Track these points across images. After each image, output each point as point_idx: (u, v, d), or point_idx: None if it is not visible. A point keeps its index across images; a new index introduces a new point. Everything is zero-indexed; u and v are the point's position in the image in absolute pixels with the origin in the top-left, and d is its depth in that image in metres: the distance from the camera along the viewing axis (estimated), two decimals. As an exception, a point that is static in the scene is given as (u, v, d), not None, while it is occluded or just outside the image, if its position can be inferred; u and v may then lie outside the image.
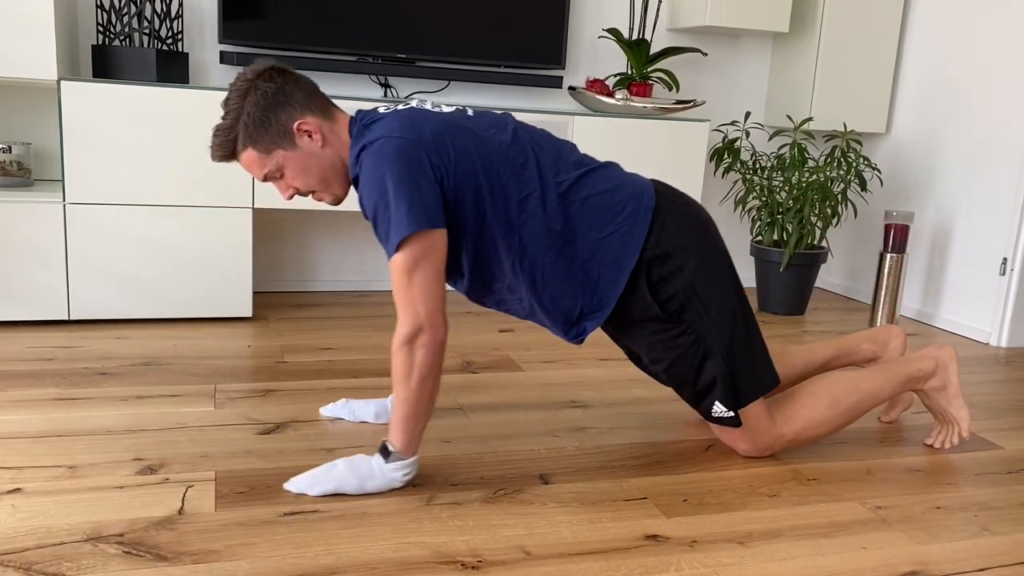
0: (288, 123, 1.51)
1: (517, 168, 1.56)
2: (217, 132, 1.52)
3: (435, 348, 1.48)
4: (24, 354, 2.23)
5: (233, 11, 2.71)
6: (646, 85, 3.13)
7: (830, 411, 1.76)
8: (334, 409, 1.90)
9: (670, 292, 1.61)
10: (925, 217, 3.25)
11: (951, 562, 1.43)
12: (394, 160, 1.45)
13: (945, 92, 3.17)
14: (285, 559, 1.32)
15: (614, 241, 1.59)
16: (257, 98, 1.49)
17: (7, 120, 2.70)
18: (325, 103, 1.56)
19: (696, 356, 1.65)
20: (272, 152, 1.52)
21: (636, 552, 1.40)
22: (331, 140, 1.55)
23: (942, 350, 1.88)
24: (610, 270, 1.60)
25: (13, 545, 1.31)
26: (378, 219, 1.46)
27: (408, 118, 1.51)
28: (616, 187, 1.63)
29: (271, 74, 1.52)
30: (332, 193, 1.59)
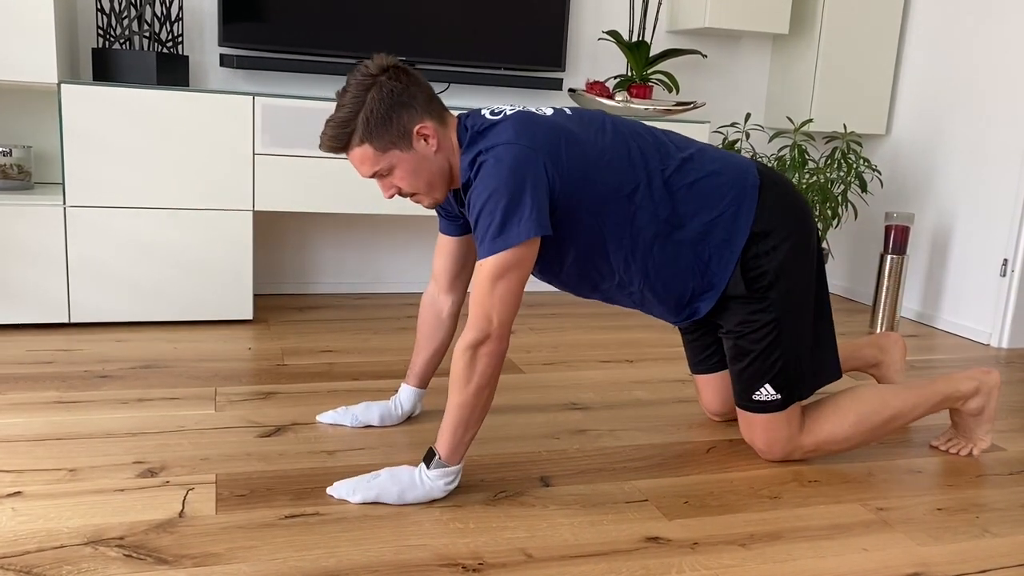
0: (409, 125, 1.49)
1: (623, 163, 1.57)
2: (333, 123, 1.49)
3: (499, 358, 1.48)
4: (24, 357, 2.23)
5: (233, 14, 2.72)
6: (646, 87, 3.13)
7: (854, 428, 1.75)
8: (334, 416, 1.88)
9: (762, 269, 1.64)
10: (925, 218, 3.25)
11: (953, 564, 1.43)
12: (513, 167, 1.45)
13: (945, 93, 3.17)
14: (286, 562, 1.32)
15: (723, 222, 1.62)
16: (382, 95, 1.47)
17: (7, 123, 2.70)
18: (442, 108, 1.55)
19: (769, 334, 1.66)
20: (388, 152, 1.50)
21: (637, 554, 1.40)
22: (444, 145, 1.54)
23: (989, 375, 1.84)
24: (720, 250, 1.63)
25: (14, 548, 1.31)
26: (482, 218, 1.46)
27: (523, 123, 1.51)
28: (720, 169, 1.65)
29: (396, 72, 1.50)
30: (433, 197, 1.58)
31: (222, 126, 2.52)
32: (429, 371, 1.87)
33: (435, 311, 1.83)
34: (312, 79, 3.00)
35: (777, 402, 1.70)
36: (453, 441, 1.51)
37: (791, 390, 1.70)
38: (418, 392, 1.89)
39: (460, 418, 1.49)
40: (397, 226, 3.22)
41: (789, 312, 1.66)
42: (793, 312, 1.66)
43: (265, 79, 2.95)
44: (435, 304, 1.83)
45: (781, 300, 1.65)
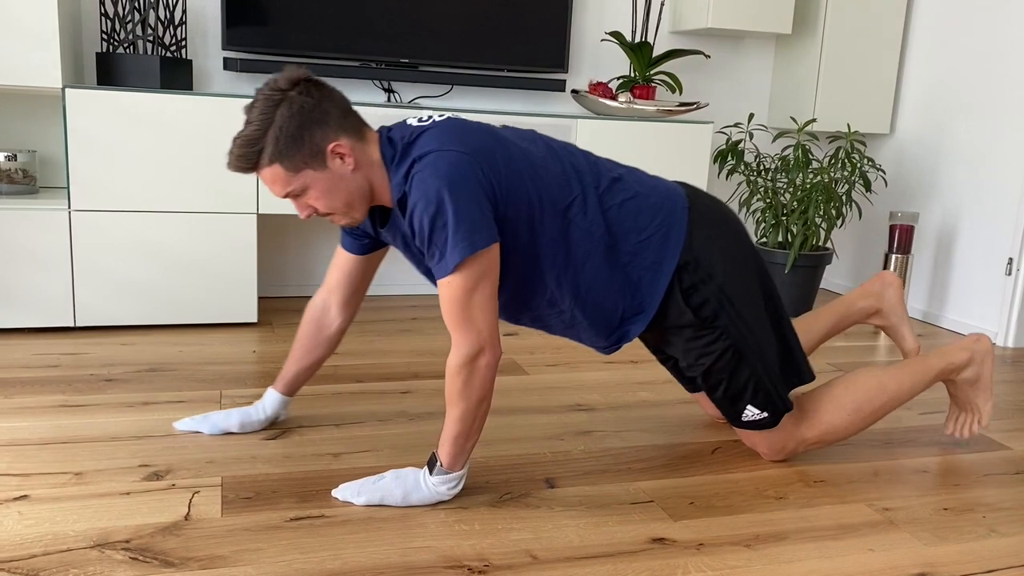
0: (322, 143, 1.41)
1: (558, 176, 1.53)
2: (240, 141, 1.40)
3: (495, 368, 1.46)
4: (30, 361, 2.23)
5: (236, 18, 2.72)
6: (649, 88, 3.13)
7: (854, 416, 1.75)
8: (191, 423, 1.80)
9: (703, 298, 1.60)
10: (930, 217, 3.25)
11: (959, 564, 1.43)
12: (450, 174, 1.38)
13: (949, 92, 3.17)
14: (291, 564, 1.32)
15: (653, 243, 1.58)
16: (292, 111, 1.39)
17: (12, 128, 2.71)
18: (359, 122, 1.48)
19: (731, 361, 1.64)
20: (300, 171, 1.41)
21: (643, 555, 1.40)
22: (362, 163, 1.46)
23: (979, 342, 1.84)
24: (650, 273, 1.59)
25: (20, 552, 1.31)
26: (433, 237, 1.39)
27: (454, 129, 1.46)
28: (649, 192, 1.62)
29: (308, 86, 1.41)
30: (351, 217, 1.50)
31: (226, 129, 2.53)
32: (300, 382, 1.81)
33: (321, 326, 1.76)
34: (315, 82, 3.00)
35: (767, 419, 1.70)
36: (455, 451, 1.50)
37: (775, 405, 1.69)
38: (285, 400, 1.82)
39: (461, 430, 1.49)
40: (401, 228, 3.22)
41: (744, 333, 1.63)
42: (748, 331, 1.63)
43: (268, 82, 2.95)
44: (324, 318, 1.75)
45: (732, 324, 1.62)
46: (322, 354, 1.78)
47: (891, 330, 2.02)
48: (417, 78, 2.90)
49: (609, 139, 2.96)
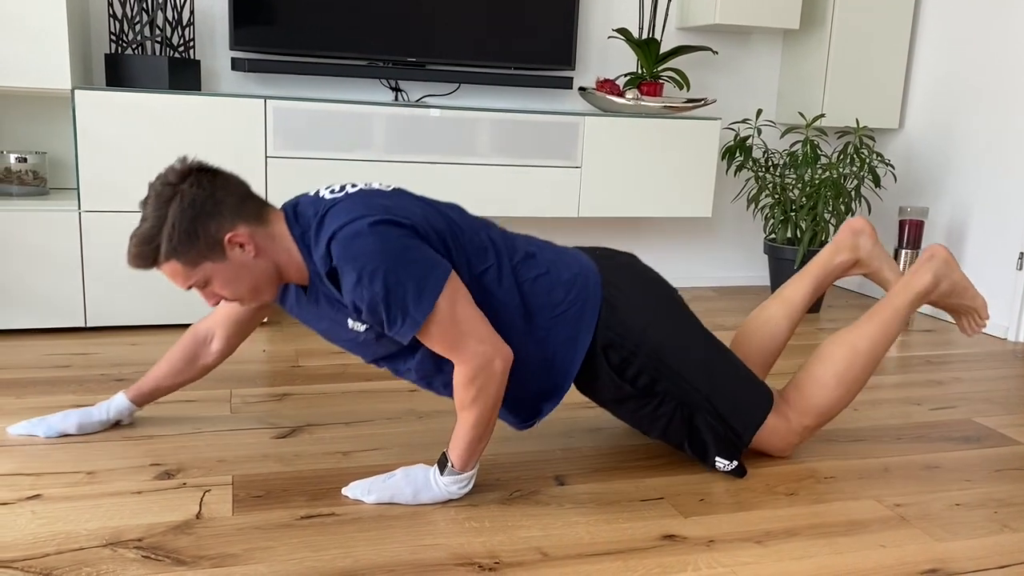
0: (218, 235, 1.38)
1: (475, 242, 1.51)
2: (136, 239, 1.36)
3: (505, 370, 1.45)
4: (41, 361, 2.24)
5: (244, 18, 2.73)
6: (656, 84, 3.12)
7: (839, 388, 1.71)
8: (27, 427, 1.75)
9: (636, 370, 1.59)
10: (940, 212, 3.23)
11: (971, 559, 1.42)
12: (374, 240, 1.35)
13: (959, 86, 3.15)
14: (303, 562, 1.32)
15: (568, 319, 1.55)
16: (183, 207, 1.35)
17: (22, 130, 2.72)
18: (258, 206, 1.43)
19: (683, 419, 1.64)
20: (199, 265, 1.39)
21: (653, 552, 1.40)
22: (265, 247, 1.42)
23: (933, 257, 1.78)
24: (564, 349, 1.56)
25: (34, 551, 1.32)
26: (389, 310, 1.37)
27: (370, 195, 1.44)
28: (563, 267, 1.59)
29: (199, 178, 1.38)
30: (260, 300, 1.48)
31: (234, 130, 2.54)
32: (154, 398, 1.79)
33: (199, 354, 1.74)
34: (323, 81, 3.01)
35: (738, 467, 1.68)
36: (467, 454, 1.50)
37: (739, 449, 1.67)
38: (132, 408, 1.79)
39: (476, 435, 1.48)
40: (409, 227, 3.22)
41: (687, 389, 1.62)
42: (691, 387, 1.62)
43: (276, 82, 2.96)
44: (203, 348, 1.74)
45: (673, 385, 1.61)
46: (188, 380, 1.77)
47: (874, 276, 1.94)
48: (424, 76, 2.90)
49: (616, 136, 2.96)
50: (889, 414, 2.11)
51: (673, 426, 1.65)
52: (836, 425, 2.02)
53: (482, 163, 2.83)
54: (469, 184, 2.83)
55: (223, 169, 1.43)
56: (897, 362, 2.60)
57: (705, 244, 3.60)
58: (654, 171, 3.03)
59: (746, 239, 3.67)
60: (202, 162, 1.41)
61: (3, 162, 2.52)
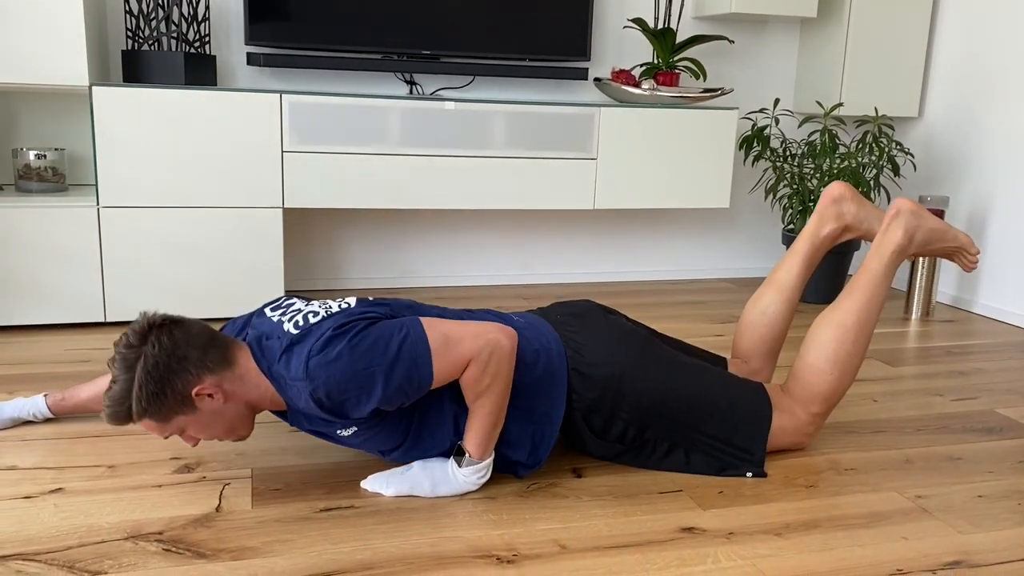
0: (185, 390, 1.38)
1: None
2: (108, 401, 1.38)
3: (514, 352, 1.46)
4: (62, 356, 2.26)
5: (258, 13, 2.73)
6: (673, 74, 3.10)
7: (836, 370, 1.67)
8: None
9: (621, 428, 1.61)
10: (960, 202, 3.19)
11: (994, 552, 1.41)
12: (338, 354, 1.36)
13: (979, 73, 3.11)
14: (322, 555, 1.33)
15: (539, 394, 1.57)
16: (147, 369, 1.35)
17: (41, 127, 2.74)
18: (222, 351, 1.42)
19: (683, 455, 1.65)
20: (172, 420, 1.40)
21: (672, 544, 1.39)
22: (233, 391, 1.42)
23: (900, 212, 1.74)
24: (541, 424, 1.58)
25: (57, 544, 1.33)
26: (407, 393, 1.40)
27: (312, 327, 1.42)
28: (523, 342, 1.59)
29: (159, 335, 1.37)
30: (238, 435, 1.48)
31: (250, 124, 2.54)
32: (72, 413, 1.80)
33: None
34: (339, 75, 3.01)
35: (758, 472, 1.67)
36: (483, 443, 1.51)
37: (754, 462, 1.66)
38: (46, 415, 1.79)
39: (491, 422, 1.49)
40: (426, 220, 3.22)
41: (680, 430, 1.62)
42: (683, 426, 1.62)
43: (292, 76, 2.97)
44: None
45: (662, 429, 1.62)
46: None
47: (867, 236, 1.87)
48: (439, 69, 2.90)
49: (632, 127, 2.94)
50: (910, 405, 2.09)
51: (675, 462, 1.66)
52: (856, 416, 2.01)
53: (497, 156, 2.82)
54: (484, 177, 2.82)
55: (184, 318, 1.43)
56: (918, 353, 2.58)
57: (723, 235, 3.58)
58: (671, 162, 3.01)
59: (764, 230, 3.64)
60: (164, 316, 1.41)
61: (23, 159, 2.54)
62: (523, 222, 3.31)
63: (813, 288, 3.16)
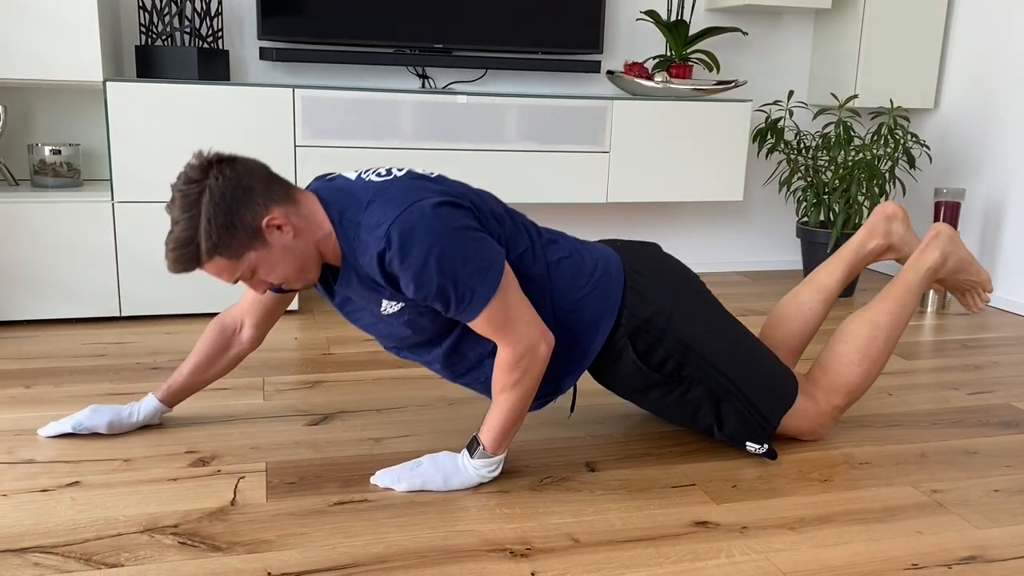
0: (255, 222, 1.34)
1: (510, 226, 1.51)
2: (173, 244, 1.33)
3: (548, 353, 1.46)
4: (78, 350, 2.28)
5: (271, 8, 2.74)
6: (686, 67, 3.08)
7: (865, 364, 1.71)
8: (56, 427, 1.71)
9: (662, 356, 1.59)
10: (977, 194, 3.17)
11: (1011, 546, 1.40)
12: (438, 222, 1.35)
13: (996, 64, 3.08)
14: (336, 548, 1.33)
15: (590, 302, 1.56)
16: (214, 201, 1.31)
17: (56, 122, 2.76)
18: (284, 186, 1.40)
19: (711, 405, 1.63)
20: (243, 256, 1.36)
21: (685, 538, 1.39)
22: (302, 228, 1.39)
23: (939, 235, 1.80)
24: (587, 331, 1.57)
25: (74, 536, 1.35)
26: (457, 290, 1.37)
27: (418, 179, 1.43)
28: (583, 250, 1.60)
29: (220, 168, 1.33)
30: (306, 279, 1.45)
31: (263, 119, 2.55)
32: (185, 396, 1.74)
33: (230, 344, 1.71)
34: (351, 69, 3.01)
35: (769, 450, 1.67)
36: (500, 437, 1.51)
37: (769, 434, 1.67)
38: (162, 409, 1.74)
39: (512, 418, 1.49)
40: (438, 214, 3.22)
41: (715, 376, 1.61)
42: (719, 373, 1.61)
43: (304, 71, 2.97)
44: (233, 338, 1.70)
45: (700, 371, 1.60)
46: (220, 373, 1.73)
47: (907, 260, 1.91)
48: (451, 63, 2.89)
49: (646, 120, 2.93)
50: (926, 399, 2.08)
51: (701, 413, 1.64)
52: (871, 410, 2.00)
53: (510, 149, 2.82)
54: (497, 170, 2.82)
55: (240, 155, 1.39)
56: (933, 346, 2.56)
57: (737, 228, 3.57)
58: (684, 155, 3.00)
59: (778, 223, 3.62)
60: (219, 152, 1.37)
61: (38, 154, 2.56)
62: (536, 215, 3.31)
63: (827, 281, 3.14)
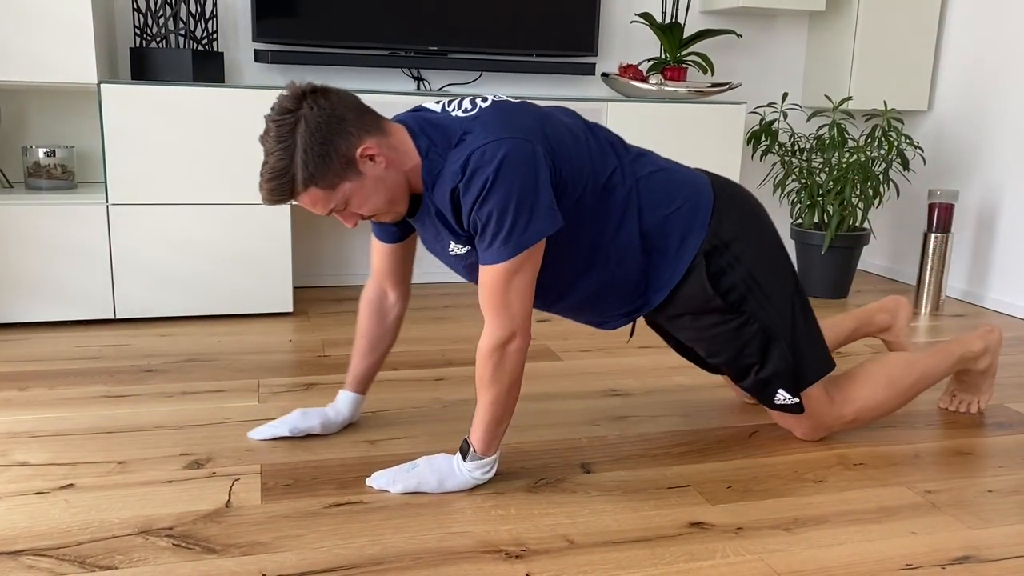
0: (350, 151, 1.36)
1: (596, 150, 1.53)
2: (268, 174, 1.35)
3: (525, 351, 1.47)
4: (73, 353, 2.28)
5: (266, 10, 2.74)
6: (680, 69, 3.09)
7: (888, 391, 1.76)
8: (270, 430, 1.74)
9: (731, 282, 1.60)
10: (970, 195, 3.18)
11: (1004, 547, 1.40)
12: (516, 162, 1.36)
13: (989, 66, 3.09)
14: (331, 550, 1.33)
15: (680, 218, 1.58)
16: (310, 130, 1.33)
17: (50, 124, 2.76)
18: (375, 117, 1.43)
19: (760, 345, 1.64)
20: (338, 187, 1.38)
21: (681, 539, 1.39)
22: (392, 159, 1.41)
23: (992, 333, 1.91)
24: (676, 245, 1.58)
25: (68, 539, 1.34)
26: (491, 224, 1.38)
27: (507, 112, 1.44)
28: (673, 167, 1.63)
29: (315, 98, 1.35)
30: (396, 212, 1.47)
31: (258, 121, 2.55)
32: (371, 377, 1.77)
33: (382, 315, 1.73)
34: (345, 71, 3.01)
35: (798, 404, 1.69)
36: (488, 436, 1.51)
37: (799, 385, 1.68)
38: (359, 399, 1.78)
39: (494, 415, 1.49)
40: (433, 216, 3.22)
41: (773, 317, 1.62)
42: (777, 315, 1.63)
43: (299, 73, 2.97)
44: (383, 306, 1.73)
45: (760, 308, 1.61)
46: (388, 343, 1.76)
47: (896, 347, 2.10)
48: (446, 65, 2.89)
49: (640, 122, 2.93)
50: (920, 400, 2.09)
51: (748, 350, 1.64)
52: (865, 411, 2.00)
53: (505, 151, 2.81)
54: (492, 172, 2.81)
55: (331, 86, 1.40)
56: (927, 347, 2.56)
57: (730, 230, 3.57)
58: (679, 157, 3.00)
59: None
60: (311, 83, 1.38)
61: (32, 156, 2.55)
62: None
63: (821, 283, 3.15)
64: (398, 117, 1.51)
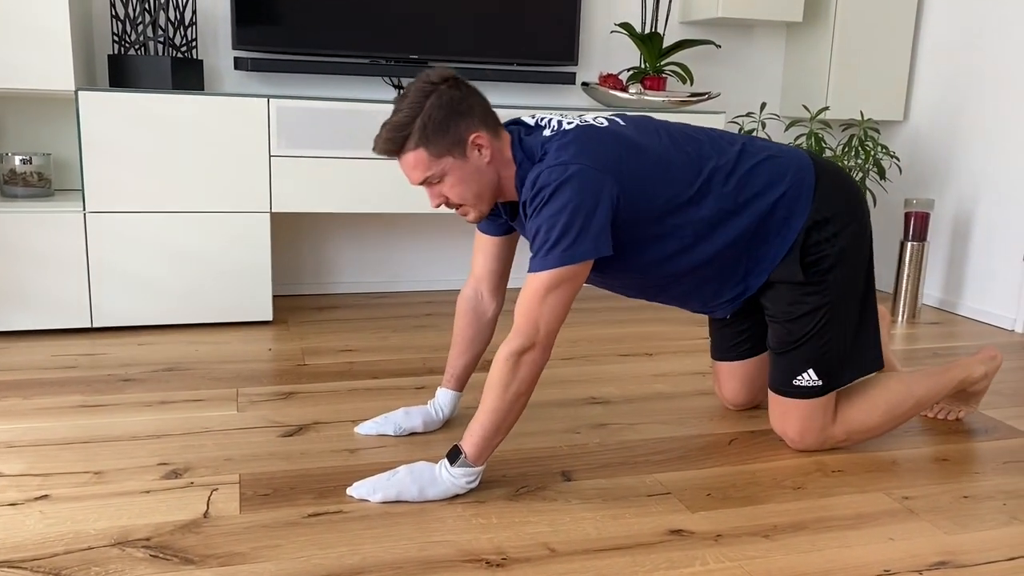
0: (465, 133, 1.50)
1: (683, 167, 1.59)
2: (390, 127, 1.49)
3: (540, 367, 1.50)
4: (48, 362, 2.25)
5: (246, 17, 2.73)
6: (660, 79, 3.11)
7: (883, 417, 1.79)
8: (376, 427, 1.82)
9: (824, 254, 1.65)
10: (946, 204, 3.22)
11: (980, 552, 1.42)
12: (579, 186, 1.46)
13: (964, 77, 3.13)
14: (310, 560, 1.32)
15: (785, 201, 1.64)
16: (441, 102, 1.48)
17: (27, 132, 2.73)
18: (497, 122, 1.56)
19: (819, 319, 1.67)
20: (442, 158, 1.50)
21: (661, 547, 1.40)
22: (496, 159, 1.54)
23: (994, 360, 1.94)
24: (779, 227, 1.65)
25: (43, 551, 1.33)
26: (542, 232, 1.47)
27: (587, 139, 1.52)
28: (776, 152, 1.68)
29: (456, 82, 1.51)
30: (479, 210, 1.58)
31: (238, 129, 2.54)
32: (468, 374, 1.85)
33: (478, 314, 1.80)
34: (326, 80, 3.01)
35: (818, 388, 1.71)
36: (482, 444, 1.51)
37: (833, 376, 1.71)
38: (457, 396, 1.85)
39: (493, 422, 1.49)
40: (414, 224, 3.22)
41: (842, 297, 1.67)
42: (845, 298, 1.68)
43: (279, 81, 2.96)
44: (479, 307, 1.80)
45: (837, 285, 1.67)
46: (484, 342, 1.82)
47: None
48: (427, 74, 2.89)
49: (620, 131, 2.94)
50: (896, 407, 2.10)
51: (809, 318, 1.68)
52: (843, 418, 2.02)
53: (486, 160, 2.82)
54: (473, 181, 2.82)
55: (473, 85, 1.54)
56: (904, 355, 2.59)
57: (710, 238, 3.59)
58: (658, 166, 3.02)
59: (751, 233, 3.65)
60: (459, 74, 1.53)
61: (8, 164, 2.53)
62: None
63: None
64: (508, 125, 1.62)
